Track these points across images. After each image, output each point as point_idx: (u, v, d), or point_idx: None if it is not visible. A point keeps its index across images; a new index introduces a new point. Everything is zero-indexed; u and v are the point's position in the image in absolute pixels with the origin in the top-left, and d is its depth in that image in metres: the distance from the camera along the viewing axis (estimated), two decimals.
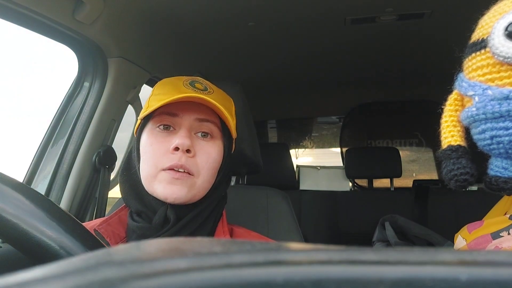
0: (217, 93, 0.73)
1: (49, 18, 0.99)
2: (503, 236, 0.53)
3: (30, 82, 1.83)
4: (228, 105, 0.75)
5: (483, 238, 0.55)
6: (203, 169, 0.67)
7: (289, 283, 0.15)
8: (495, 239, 0.54)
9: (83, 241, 0.41)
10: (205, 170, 0.68)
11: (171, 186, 0.65)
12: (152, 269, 0.16)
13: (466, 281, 0.15)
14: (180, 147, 0.65)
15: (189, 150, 0.66)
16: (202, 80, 0.75)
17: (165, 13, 1.25)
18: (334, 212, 2.17)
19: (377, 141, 2.84)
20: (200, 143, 0.69)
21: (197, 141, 0.69)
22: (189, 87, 0.71)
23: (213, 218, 0.73)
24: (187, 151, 0.66)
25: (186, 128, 0.68)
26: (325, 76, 2.10)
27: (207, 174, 0.68)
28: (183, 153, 0.65)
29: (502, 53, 0.47)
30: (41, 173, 1.17)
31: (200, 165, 0.67)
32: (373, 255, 0.16)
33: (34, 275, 0.16)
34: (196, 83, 0.72)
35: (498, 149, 0.48)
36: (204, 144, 0.69)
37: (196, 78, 0.74)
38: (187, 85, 0.71)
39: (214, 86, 0.76)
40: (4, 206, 0.38)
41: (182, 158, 0.65)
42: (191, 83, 0.72)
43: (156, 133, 0.69)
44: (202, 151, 0.68)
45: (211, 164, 0.69)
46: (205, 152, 0.68)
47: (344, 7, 1.27)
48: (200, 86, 0.72)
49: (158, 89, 0.73)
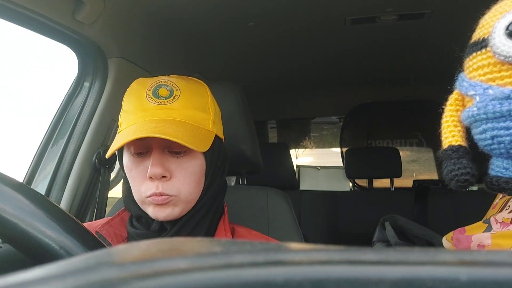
0: (184, 93, 0.70)
1: (49, 18, 0.99)
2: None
3: (30, 82, 1.83)
4: (199, 101, 0.71)
5: (466, 239, 0.57)
6: (183, 185, 0.67)
7: (289, 283, 0.15)
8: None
9: (83, 241, 0.41)
10: (186, 186, 0.67)
11: (158, 208, 0.67)
12: (152, 269, 0.16)
13: (466, 281, 0.15)
14: (153, 176, 0.65)
15: (164, 176, 0.66)
16: (168, 80, 0.71)
17: (165, 13, 1.25)
18: (334, 212, 2.17)
19: (377, 141, 2.84)
20: (175, 161, 0.67)
21: (172, 159, 0.67)
22: (152, 99, 0.68)
23: (211, 216, 0.73)
24: (163, 177, 0.66)
25: (156, 152, 0.66)
26: (325, 76, 2.10)
27: (188, 189, 0.68)
28: (159, 180, 0.66)
29: (503, 53, 0.46)
30: (41, 173, 1.17)
31: (179, 184, 0.67)
32: (373, 255, 0.16)
33: (34, 275, 0.16)
34: (160, 89, 0.69)
35: (499, 149, 0.48)
36: (180, 162, 0.68)
37: (161, 81, 0.71)
38: (150, 96, 0.68)
39: (182, 81, 0.72)
40: (4, 206, 0.38)
41: (159, 186, 0.65)
42: (154, 92, 0.69)
43: (133, 159, 0.69)
44: (179, 169, 0.67)
45: (190, 178, 0.68)
46: (182, 169, 0.67)
47: (344, 7, 1.27)
48: (164, 92, 0.69)
49: (125, 103, 0.72)
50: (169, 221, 0.69)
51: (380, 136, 2.84)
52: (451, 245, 0.61)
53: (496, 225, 0.54)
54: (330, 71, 2.00)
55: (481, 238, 0.54)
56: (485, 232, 0.55)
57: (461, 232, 0.59)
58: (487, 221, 0.56)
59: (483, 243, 0.53)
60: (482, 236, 0.54)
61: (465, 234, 0.58)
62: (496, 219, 0.54)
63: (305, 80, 2.16)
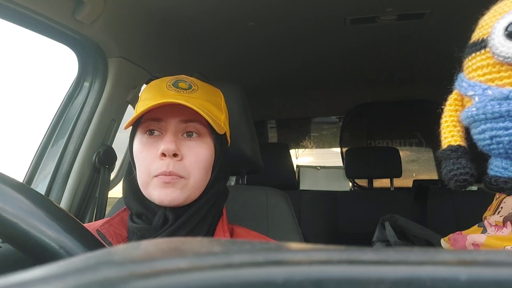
0: (202, 89, 0.73)
1: (49, 18, 0.99)
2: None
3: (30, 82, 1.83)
4: (215, 100, 0.75)
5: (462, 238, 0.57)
6: (193, 169, 0.68)
7: (289, 283, 0.15)
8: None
9: (83, 241, 0.41)
10: (196, 170, 0.68)
11: (165, 190, 0.66)
12: (152, 269, 0.16)
13: (465, 281, 0.15)
14: (166, 152, 0.66)
15: (176, 154, 0.67)
16: (187, 78, 0.75)
17: (165, 13, 1.25)
18: (334, 212, 2.17)
19: (377, 141, 2.84)
20: (187, 144, 0.69)
21: (184, 142, 0.69)
22: (172, 88, 0.71)
23: (212, 216, 0.73)
24: (174, 155, 0.67)
25: (171, 132, 0.68)
26: (325, 76, 2.10)
27: (198, 173, 0.69)
28: (171, 158, 0.66)
29: (502, 53, 0.47)
30: (41, 173, 1.17)
31: (190, 166, 0.68)
32: (373, 255, 0.16)
33: (34, 275, 0.16)
34: (179, 83, 0.73)
35: (498, 149, 0.49)
36: (192, 145, 0.69)
37: (180, 77, 0.75)
38: (170, 86, 0.71)
39: (199, 82, 0.76)
40: (4, 206, 0.38)
41: (170, 165, 0.66)
42: (174, 84, 0.72)
43: (145, 140, 0.70)
44: (190, 152, 0.68)
45: (201, 163, 0.69)
46: (193, 153, 0.69)
47: (344, 7, 1.27)
48: (183, 85, 0.72)
49: (144, 94, 0.74)
50: (173, 211, 0.68)
51: (380, 136, 2.84)
52: (448, 246, 0.61)
53: (490, 228, 0.54)
54: (330, 71, 2.00)
55: (476, 237, 0.54)
56: (482, 234, 0.55)
57: (458, 234, 0.59)
58: (481, 225, 0.56)
59: (477, 242, 0.54)
60: (477, 236, 0.54)
61: (461, 235, 0.58)
62: (489, 222, 0.54)
63: (305, 80, 2.16)
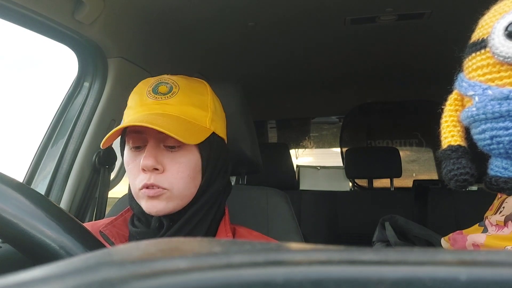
0: (183, 90, 0.71)
1: (49, 18, 0.99)
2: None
3: (30, 82, 1.83)
4: (198, 98, 0.72)
5: (462, 238, 0.57)
6: (176, 179, 0.67)
7: (289, 283, 0.15)
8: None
9: (83, 241, 0.41)
10: (179, 180, 0.68)
11: (150, 202, 0.67)
12: (152, 269, 0.16)
13: (465, 281, 0.15)
14: (145, 168, 0.66)
15: (156, 169, 0.67)
16: (169, 78, 0.73)
17: (165, 13, 1.25)
18: (334, 212, 2.17)
19: (377, 141, 2.84)
20: (169, 156, 0.68)
21: (165, 154, 0.68)
22: (151, 95, 0.70)
23: (211, 217, 0.73)
24: (156, 169, 0.67)
25: (151, 145, 0.68)
26: (325, 76, 2.10)
27: (182, 183, 0.68)
28: (151, 172, 0.67)
29: (502, 53, 0.46)
30: (41, 173, 1.17)
31: (171, 177, 0.67)
32: (373, 255, 0.16)
33: (34, 275, 0.16)
34: (160, 86, 0.71)
35: (498, 149, 0.48)
36: (174, 156, 0.68)
37: (163, 78, 0.73)
38: (149, 93, 0.71)
39: (183, 79, 0.74)
40: (4, 206, 0.38)
41: (151, 178, 0.66)
42: (154, 89, 0.71)
43: (130, 153, 0.71)
44: (172, 163, 0.68)
45: (184, 173, 0.68)
46: (175, 164, 0.68)
47: (344, 7, 1.27)
48: (164, 89, 0.71)
49: (129, 100, 0.74)
50: (166, 217, 0.69)
51: (380, 136, 2.84)
52: (449, 246, 0.61)
53: (491, 228, 0.54)
54: (330, 71, 2.00)
55: (476, 237, 0.54)
56: (482, 233, 0.55)
57: (458, 233, 0.59)
58: (482, 224, 0.56)
59: (477, 242, 0.54)
60: (477, 235, 0.54)
61: (462, 234, 0.58)
62: (490, 222, 0.54)
63: (305, 80, 2.16)
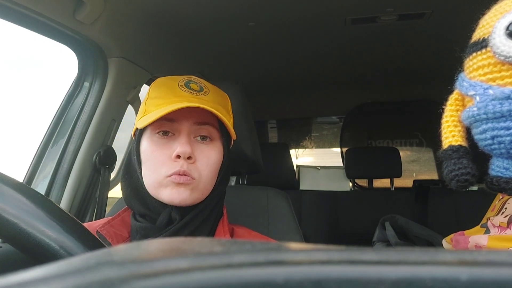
0: (212, 92, 0.74)
1: (50, 18, 0.99)
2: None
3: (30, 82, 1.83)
4: (224, 103, 0.76)
5: (464, 240, 0.57)
6: (204, 171, 0.69)
7: (289, 283, 0.15)
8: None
9: (83, 241, 0.41)
10: (206, 173, 0.69)
11: (176, 189, 0.67)
12: (152, 269, 0.15)
13: (466, 281, 0.15)
14: (182, 155, 0.66)
15: (190, 157, 0.67)
16: (197, 79, 0.75)
17: (166, 13, 1.25)
18: (334, 212, 2.17)
19: (377, 141, 2.84)
20: (200, 147, 0.69)
21: (197, 145, 0.69)
22: (185, 89, 0.71)
23: (214, 217, 0.73)
24: (188, 158, 0.67)
25: (185, 134, 0.68)
26: (326, 76, 2.10)
27: (208, 176, 0.69)
28: (185, 160, 0.67)
29: (503, 53, 0.46)
30: (41, 173, 1.17)
31: (201, 169, 0.68)
32: (373, 255, 0.16)
33: (34, 275, 0.16)
34: (191, 83, 0.72)
35: (499, 149, 0.48)
36: (204, 148, 0.70)
37: (190, 78, 0.75)
38: (182, 86, 0.71)
39: (208, 84, 0.76)
40: (4, 206, 0.38)
41: (184, 165, 0.66)
42: (186, 84, 0.72)
43: (156, 139, 0.69)
44: (202, 155, 0.69)
45: (211, 166, 0.70)
46: (205, 156, 0.69)
47: (345, 7, 1.27)
48: (195, 86, 0.72)
49: (154, 92, 0.73)
50: (177, 211, 0.68)
51: (380, 136, 2.84)
52: (450, 247, 0.61)
53: (494, 229, 0.54)
54: (331, 71, 2.00)
55: (478, 239, 0.54)
56: (484, 235, 0.55)
57: (460, 234, 0.59)
58: (484, 225, 0.56)
59: (480, 244, 0.54)
60: (479, 237, 0.54)
61: (463, 235, 0.58)
62: (493, 223, 0.54)
63: (305, 80, 2.16)
